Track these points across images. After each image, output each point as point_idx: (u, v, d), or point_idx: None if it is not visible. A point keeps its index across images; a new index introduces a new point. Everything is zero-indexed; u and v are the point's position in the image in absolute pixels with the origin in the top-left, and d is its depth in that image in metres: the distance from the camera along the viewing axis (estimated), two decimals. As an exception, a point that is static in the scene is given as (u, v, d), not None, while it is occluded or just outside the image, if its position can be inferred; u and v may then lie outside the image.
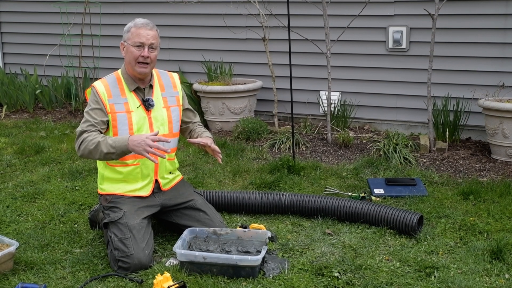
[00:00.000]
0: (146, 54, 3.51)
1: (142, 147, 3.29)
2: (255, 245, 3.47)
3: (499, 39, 5.60)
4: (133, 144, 3.32)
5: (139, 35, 3.51)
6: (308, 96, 6.41)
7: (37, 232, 3.88)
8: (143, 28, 3.52)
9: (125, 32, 3.58)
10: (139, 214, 3.53)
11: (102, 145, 3.38)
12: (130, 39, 3.53)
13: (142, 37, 3.51)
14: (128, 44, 3.54)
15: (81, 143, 3.44)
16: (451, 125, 5.61)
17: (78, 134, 3.50)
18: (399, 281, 3.21)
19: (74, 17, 7.08)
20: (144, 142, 3.29)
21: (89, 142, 3.40)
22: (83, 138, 3.44)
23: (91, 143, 3.40)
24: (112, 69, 4.04)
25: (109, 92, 3.54)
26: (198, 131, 3.82)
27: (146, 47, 3.51)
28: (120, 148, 3.36)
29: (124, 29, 3.59)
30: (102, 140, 3.39)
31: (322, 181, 4.75)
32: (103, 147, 3.37)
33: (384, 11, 5.97)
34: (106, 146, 3.37)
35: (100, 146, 3.38)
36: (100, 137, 3.41)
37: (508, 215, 4.03)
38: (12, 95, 7.37)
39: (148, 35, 3.52)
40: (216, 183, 4.77)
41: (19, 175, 5.03)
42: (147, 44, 3.51)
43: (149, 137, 3.32)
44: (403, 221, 3.74)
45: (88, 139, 3.42)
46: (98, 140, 3.39)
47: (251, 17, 6.24)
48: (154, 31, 3.56)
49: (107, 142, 3.38)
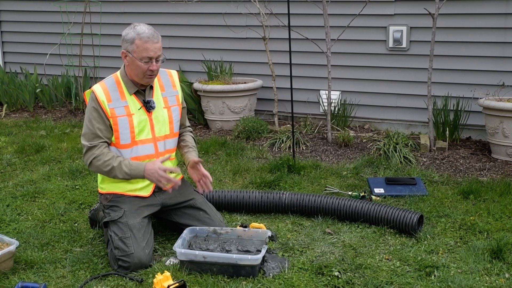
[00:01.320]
0: (154, 68, 3.44)
1: (155, 177, 3.40)
2: (255, 244, 3.47)
3: (500, 38, 5.59)
4: (147, 174, 3.41)
5: (147, 50, 3.40)
6: (308, 95, 6.41)
7: (37, 231, 3.88)
8: (150, 42, 3.40)
9: (128, 42, 3.44)
10: (139, 213, 3.53)
11: (117, 171, 3.42)
12: (136, 52, 3.41)
13: (150, 51, 3.41)
14: (133, 56, 3.43)
15: (93, 160, 3.44)
16: (451, 124, 5.61)
17: (86, 149, 3.47)
18: (399, 280, 3.21)
19: (74, 16, 7.08)
20: (157, 174, 3.38)
21: (102, 163, 3.42)
22: (95, 155, 3.44)
23: (105, 165, 3.42)
24: (113, 68, 4.04)
25: (108, 96, 3.51)
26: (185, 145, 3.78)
27: (154, 60, 3.44)
28: (136, 176, 3.44)
29: (124, 35, 3.45)
30: (117, 165, 3.41)
31: (322, 180, 4.75)
32: (118, 173, 3.42)
33: (385, 10, 5.97)
34: (121, 173, 3.42)
35: (114, 172, 3.42)
36: (114, 160, 3.41)
37: (508, 214, 4.03)
38: (12, 94, 7.37)
39: (156, 48, 3.42)
40: (216, 182, 4.77)
41: (19, 174, 5.03)
42: (155, 57, 3.44)
43: (161, 168, 3.38)
44: (403, 221, 3.74)
45: (101, 158, 3.42)
46: (112, 165, 3.41)
47: (251, 16, 6.24)
48: (159, 42, 3.45)
49: (122, 169, 3.41)
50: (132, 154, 3.54)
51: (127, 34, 3.46)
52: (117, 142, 3.52)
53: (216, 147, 5.60)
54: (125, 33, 3.47)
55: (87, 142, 3.47)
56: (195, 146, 3.82)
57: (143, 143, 3.56)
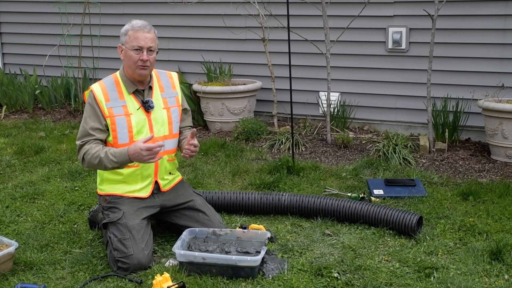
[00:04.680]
0: (145, 57, 3.48)
1: (142, 159, 3.34)
2: (255, 246, 3.47)
3: (499, 39, 5.60)
4: (133, 158, 3.37)
5: (137, 38, 3.47)
6: (307, 97, 6.41)
7: (37, 233, 3.88)
8: (140, 31, 3.48)
9: (122, 35, 3.54)
10: (139, 215, 3.52)
11: (105, 161, 3.40)
12: (128, 42, 3.49)
13: (141, 40, 3.47)
14: (126, 47, 3.51)
15: (84, 155, 3.46)
16: (451, 125, 5.61)
17: (78, 147, 3.51)
18: (399, 281, 3.21)
19: (73, 18, 7.09)
20: (141, 153, 3.32)
21: (92, 156, 3.42)
22: (85, 150, 3.46)
23: (94, 158, 3.42)
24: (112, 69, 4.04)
25: (106, 96, 3.52)
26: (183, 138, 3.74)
27: (145, 50, 3.48)
28: (123, 161, 3.41)
29: (121, 31, 3.56)
30: (104, 156, 3.40)
31: (321, 181, 4.75)
32: (107, 163, 3.40)
33: (384, 11, 5.97)
34: (109, 162, 3.40)
35: (103, 162, 3.41)
36: (101, 152, 3.41)
37: (507, 215, 4.03)
38: (11, 95, 7.37)
39: (146, 38, 3.49)
40: (215, 183, 4.77)
41: (18, 176, 5.03)
42: (146, 47, 3.48)
43: (143, 147, 3.31)
44: (402, 222, 3.74)
45: (90, 152, 3.43)
46: (99, 155, 3.40)
47: (251, 17, 6.24)
48: (152, 33, 3.52)
49: (108, 158, 3.39)
50: (131, 154, 3.54)
51: (123, 28, 3.57)
52: (115, 142, 3.52)
53: (216, 149, 5.60)
54: (122, 29, 3.57)
55: (79, 141, 3.51)
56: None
57: (142, 143, 3.56)
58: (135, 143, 3.37)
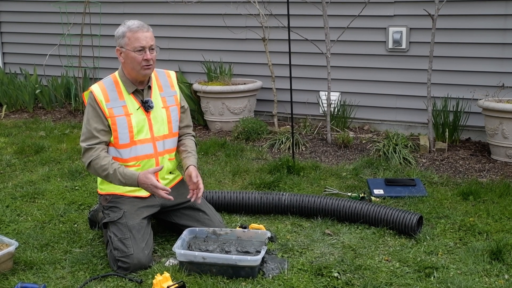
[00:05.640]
0: (149, 57, 3.48)
1: (149, 190, 3.45)
2: (255, 245, 3.47)
3: (499, 39, 5.59)
4: (141, 186, 3.44)
5: (138, 39, 3.47)
6: (307, 96, 6.40)
7: (37, 232, 3.88)
8: (140, 32, 3.47)
9: (119, 38, 3.51)
10: (139, 214, 3.53)
11: (112, 177, 3.43)
12: (128, 44, 3.48)
13: (142, 40, 3.47)
14: (127, 50, 3.49)
15: (91, 162, 3.46)
16: (451, 125, 5.60)
17: (83, 150, 3.51)
18: (399, 281, 3.21)
19: (74, 17, 7.08)
20: (149, 188, 3.41)
21: (100, 167, 3.44)
22: (92, 158, 3.46)
23: (101, 170, 3.44)
24: (112, 69, 4.04)
25: (106, 96, 3.52)
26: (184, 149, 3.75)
27: (147, 49, 3.48)
28: (130, 185, 3.46)
29: (116, 33, 3.53)
30: (112, 173, 3.42)
31: (321, 181, 4.75)
32: (114, 180, 3.44)
33: (384, 11, 5.97)
34: (117, 180, 3.43)
35: (109, 177, 3.44)
36: (110, 167, 3.42)
37: (507, 215, 4.03)
38: (11, 95, 7.37)
39: (147, 37, 3.49)
40: (215, 183, 4.77)
41: (18, 175, 5.03)
42: (147, 46, 3.48)
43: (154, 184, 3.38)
44: (402, 222, 3.74)
45: (98, 162, 3.44)
46: (108, 171, 3.42)
47: (251, 17, 6.24)
48: (150, 32, 3.53)
49: (117, 177, 3.42)
50: (131, 154, 3.54)
51: (118, 31, 3.55)
52: (115, 142, 3.52)
53: (216, 148, 5.60)
54: (117, 31, 3.55)
55: (84, 143, 3.50)
56: (195, 150, 3.78)
57: (142, 143, 3.57)
58: (146, 175, 3.40)
